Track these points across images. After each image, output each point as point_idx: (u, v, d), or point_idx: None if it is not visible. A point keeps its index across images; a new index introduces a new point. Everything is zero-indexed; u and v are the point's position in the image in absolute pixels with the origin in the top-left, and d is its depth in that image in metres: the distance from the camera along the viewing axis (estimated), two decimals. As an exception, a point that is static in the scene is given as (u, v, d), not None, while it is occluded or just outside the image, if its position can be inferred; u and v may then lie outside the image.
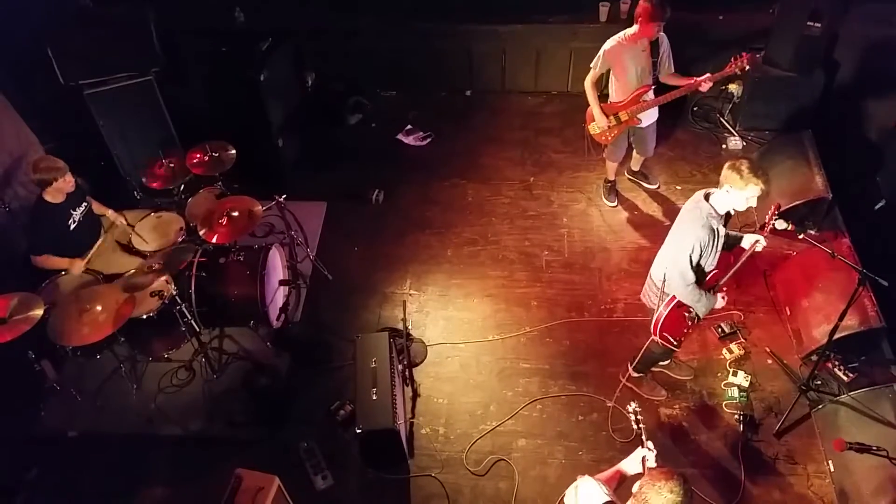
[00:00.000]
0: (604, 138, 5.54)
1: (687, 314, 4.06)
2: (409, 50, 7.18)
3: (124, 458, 4.64)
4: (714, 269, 3.96)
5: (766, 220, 3.92)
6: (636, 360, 4.61)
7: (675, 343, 4.25)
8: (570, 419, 4.74)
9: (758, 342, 5.03)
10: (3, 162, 5.22)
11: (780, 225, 5.60)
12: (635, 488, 2.69)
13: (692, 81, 5.03)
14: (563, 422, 4.72)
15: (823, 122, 6.05)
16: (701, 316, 4.11)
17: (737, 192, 3.67)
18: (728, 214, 3.85)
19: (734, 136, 6.61)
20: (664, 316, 4.07)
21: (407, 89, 7.55)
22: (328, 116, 7.15)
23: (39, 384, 4.83)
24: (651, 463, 3.03)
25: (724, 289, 4.04)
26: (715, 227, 3.77)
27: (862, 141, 5.69)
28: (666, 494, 2.54)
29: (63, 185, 4.61)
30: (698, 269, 3.87)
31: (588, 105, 5.46)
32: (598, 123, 5.43)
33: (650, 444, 3.10)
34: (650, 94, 5.27)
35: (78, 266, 4.77)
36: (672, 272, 3.92)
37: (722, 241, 3.85)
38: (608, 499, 2.84)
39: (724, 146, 6.59)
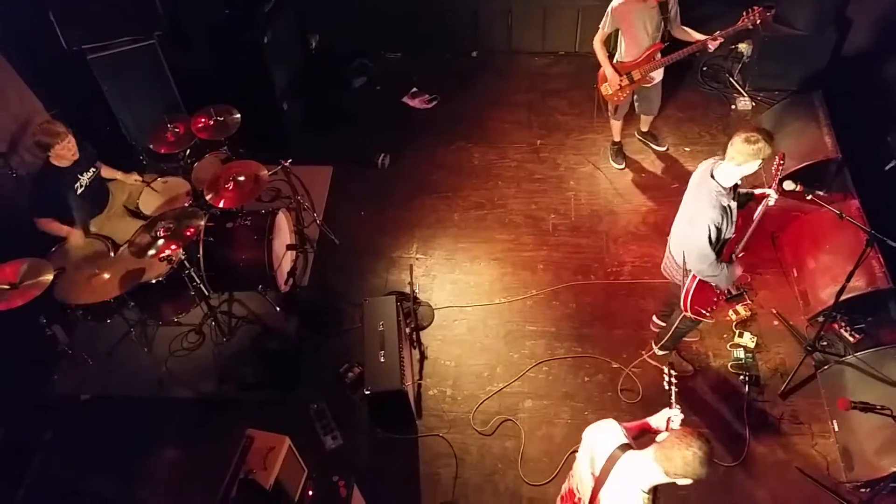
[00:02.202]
0: (616, 98, 5.47)
1: (713, 285, 4.04)
2: (414, 11, 7.06)
3: (136, 420, 4.73)
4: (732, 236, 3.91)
5: (773, 174, 3.85)
6: (664, 338, 4.59)
7: (707, 314, 4.16)
8: (575, 380, 4.78)
9: (764, 304, 5.04)
10: (9, 128, 5.21)
11: (789, 186, 5.51)
12: (660, 437, 2.76)
13: (703, 39, 4.95)
14: (569, 383, 4.77)
15: (835, 82, 5.95)
16: (723, 288, 4.08)
17: (750, 165, 3.58)
18: (736, 185, 3.79)
19: (744, 96, 6.52)
20: (692, 291, 4.00)
21: (412, 51, 7.44)
22: (332, 79, 7.08)
23: (51, 348, 4.89)
24: (675, 425, 3.08)
25: (742, 253, 3.99)
26: (726, 205, 3.67)
27: (873, 101, 5.60)
28: (688, 450, 2.60)
29: (63, 151, 4.58)
30: (717, 244, 3.78)
31: (599, 65, 5.37)
32: (611, 84, 5.35)
33: (678, 407, 3.15)
34: (659, 53, 5.20)
35: (76, 236, 4.75)
36: (690, 253, 3.86)
37: (735, 212, 3.76)
38: (624, 441, 2.90)
39: (733, 107, 6.50)
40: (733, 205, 3.73)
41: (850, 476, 4.13)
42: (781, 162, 3.77)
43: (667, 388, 3.30)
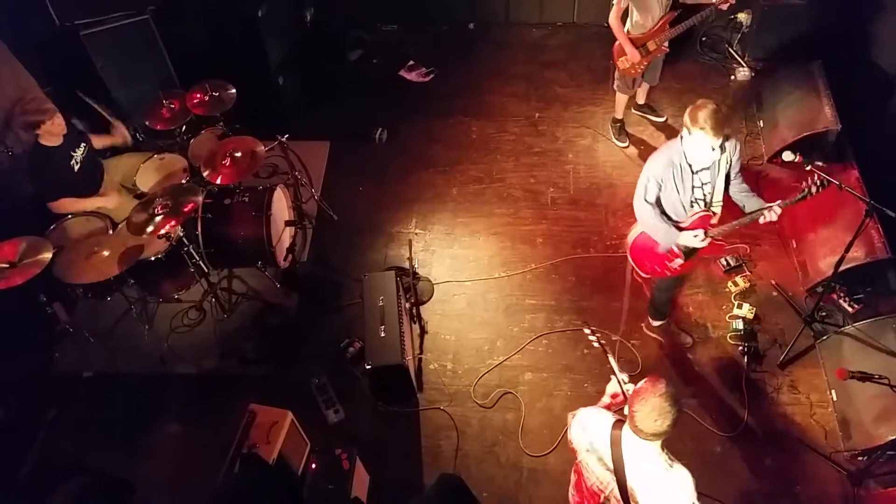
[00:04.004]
0: (634, 71, 5.40)
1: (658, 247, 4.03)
2: (410, -19, 6.99)
3: (139, 397, 4.76)
4: (704, 213, 3.88)
5: (803, 190, 3.74)
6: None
7: (641, 274, 4.29)
8: (575, 353, 4.81)
9: (763, 275, 5.05)
10: (3, 107, 5.16)
11: (788, 157, 5.54)
12: (627, 409, 2.66)
13: (714, 1, 4.88)
14: (569, 356, 4.79)
15: (834, 51, 5.90)
16: (663, 249, 4.00)
17: (700, 136, 3.52)
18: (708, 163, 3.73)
19: (743, 66, 6.47)
20: (635, 238, 4.12)
21: (408, 23, 7.34)
22: (328, 53, 7.00)
23: (52, 327, 4.90)
24: (625, 378, 3.05)
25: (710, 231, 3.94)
26: (677, 163, 3.70)
27: (873, 70, 5.56)
28: (651, 400, 2.52)
29: (52, 128, 4.53)
30: (660, 202, 3.83)
31: (597, 36, 5.30)
32: (629, 57, 5.26)
33: (613, 361, 3.13)
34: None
35: (108, 199, 4.84)
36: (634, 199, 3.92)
37: (690, 181, 3.75)
38: (613, 419, 2.82)
39: (732, 77, 6.46)
40: (688, 169, 3.72)
41: (847, 445, 4.17)
42: (816, 181, 3.68)
43: (597, 345, 3.27)
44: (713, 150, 3.57)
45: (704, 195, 3.84)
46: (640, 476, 2.69)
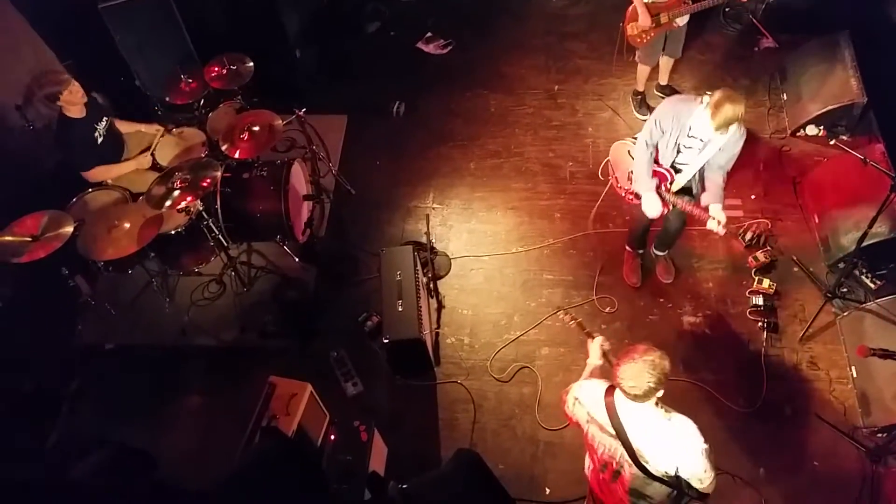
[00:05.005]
0: (640, 40, 5.32)
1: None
2: (428, -48, 6.89)
3: (161, 369, 4.82)
4: (667, 171, 4.11)
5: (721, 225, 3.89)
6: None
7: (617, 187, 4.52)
8: (592, 328, 4.75)
9: (784, 250, 4.99)
10: (23, 81, 5.19)
11: (812, 131, 5.44)
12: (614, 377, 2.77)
13: None
14: (586, 331, 4.79)
15: (862, 22, 5.74)
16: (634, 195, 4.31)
17: (707, 121, 3.68)
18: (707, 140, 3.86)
19: (767, 38, 6.33)
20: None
21: (426, -6, 7.27)
22: (345, 25, 6.95)
23: (74, 299, 4.96)
24: (607, 346, 3.23)
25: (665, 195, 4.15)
26: (683, 119, 3.82)
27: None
28: (633, 364, 2.64)
29: (72, 98, 4.57)
30: (653, 142, 4.03)
31: (618, 6, 5.21)
32: (640, 23, 5.18)
33: (593, 334, 3.34)
34: None
35: (140, 160, 4.93)
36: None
37: (676, 138, 3.91)
38: (605, 385, 2.93)
39: (756, 49, 6.32)
40: (685, 132, 3.87)
41: (867, 422, 4.15)
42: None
43: (572, 325, 3.52)
44: (718, 135, 3.74)
45: (679, 160, 4.04)
46: (642, 435, 2.77)
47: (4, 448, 4.16)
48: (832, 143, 4.14)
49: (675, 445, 2.73)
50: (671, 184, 4.15)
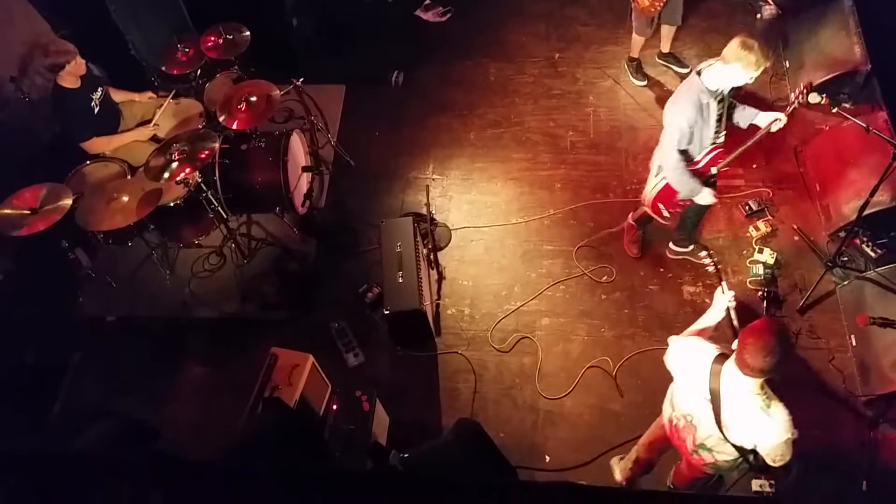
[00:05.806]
0: (653, 9, 5.23)
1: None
2: (426, -83, 6.75)
3: (162, 341, 4.85)
4: (716, 148, 3.91)
5: (792, 99, 3.76)
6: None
7: (665, 216, 4.30)
8: (592, 298, 4.81)
9: (785, 219, 4.98)
10: (18, 52, 5.13)
11: (814, 98, 5.34)
12: (735, 345, 2.74)
13: None
14: (586, 301, 4.80)
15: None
16: (681, 198, 4.08)
17: (742, 70, 3.53)
18: (728, 91, 3.74)
19: (769, 4, 6.22)
20: (659, 188, 4.10)
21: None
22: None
23: (75, 272, 4.97)
24: (734, 303, 3.12)
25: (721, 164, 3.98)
26: (704, 102, 3.68)
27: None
28: (765, 336, 2.61)
29: (75, 69, 4.55)
30: (689, 141, 3.81)
31: None
32: None
33: (725, 285, 3.19)
34: None
35: (140, 132, 4.91)
36: (662, 147, 3.92)
37: (714, 116, 3.76)
38: (716, 352, 2.89)
39: (758, 15, 6.22)
40: (713, 105, 3.72)
41: (865, 390, 4.18)
42: (803, 90, 3.64)
43: (712, 270, 3.41)
44: (750, 80, 3.58)
45: (721, 125, 3.87)
46: (734, 411, 2.79)
47: (7, 420, 4.19)
48: (834, 110, 4.09)
49: (763, 430, 2.75)
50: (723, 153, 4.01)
